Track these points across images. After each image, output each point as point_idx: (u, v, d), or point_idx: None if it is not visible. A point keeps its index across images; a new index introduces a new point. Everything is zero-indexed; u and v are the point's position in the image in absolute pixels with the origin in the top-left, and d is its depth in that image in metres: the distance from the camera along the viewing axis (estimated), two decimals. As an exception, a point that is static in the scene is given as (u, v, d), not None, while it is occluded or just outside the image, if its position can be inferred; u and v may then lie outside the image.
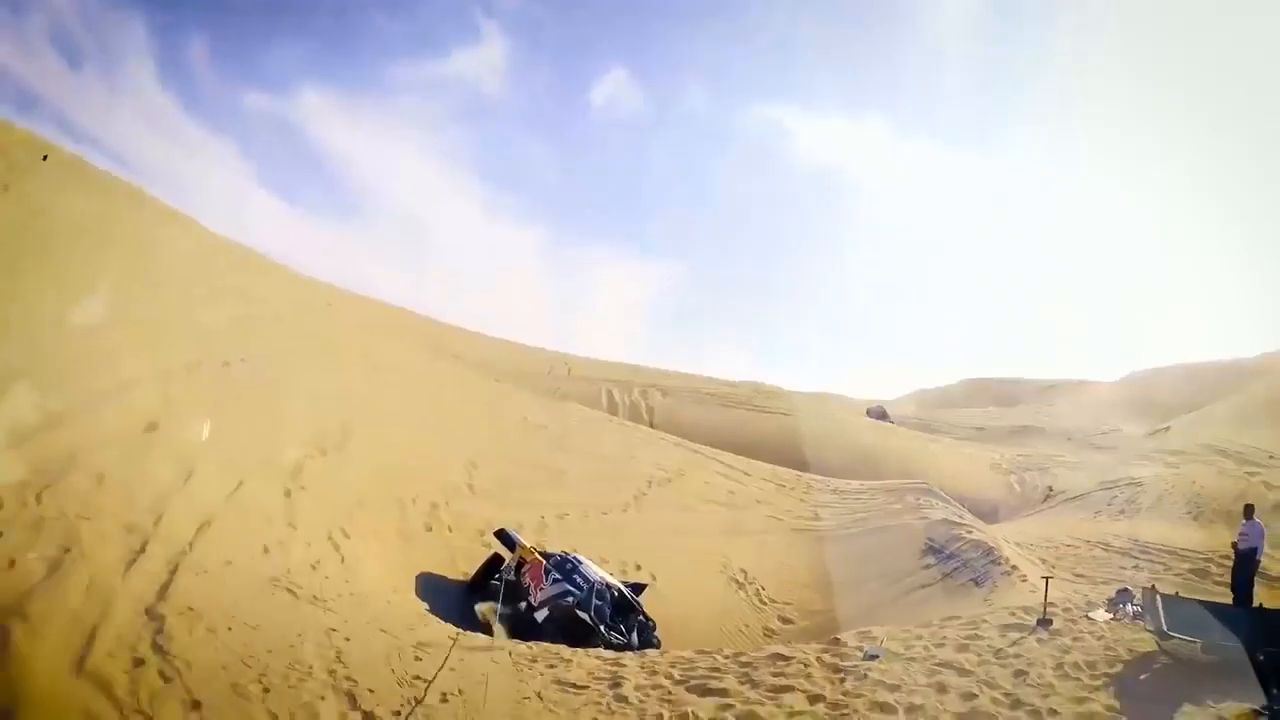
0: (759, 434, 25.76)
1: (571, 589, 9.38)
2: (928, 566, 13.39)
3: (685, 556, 13.56)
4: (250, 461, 9.73)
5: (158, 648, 5.36)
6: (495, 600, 9.16)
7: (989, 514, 22.02)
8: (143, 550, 6.90)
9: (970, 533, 14.14)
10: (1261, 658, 6.14)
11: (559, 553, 10.42)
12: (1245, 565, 9.18)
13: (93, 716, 4.51)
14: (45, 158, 17.03)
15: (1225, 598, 10.11)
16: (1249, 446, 25.69)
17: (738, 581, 13.27)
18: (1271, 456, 24.32)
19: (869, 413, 36.07)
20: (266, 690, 4.99)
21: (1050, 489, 25.14)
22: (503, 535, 10.56)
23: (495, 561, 10.33)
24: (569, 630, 8.80)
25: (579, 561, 10.11)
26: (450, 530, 11.36)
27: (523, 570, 9.88)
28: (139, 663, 5.14)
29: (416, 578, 9.85)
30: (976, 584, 12.05)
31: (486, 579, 10.21)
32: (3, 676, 4.86)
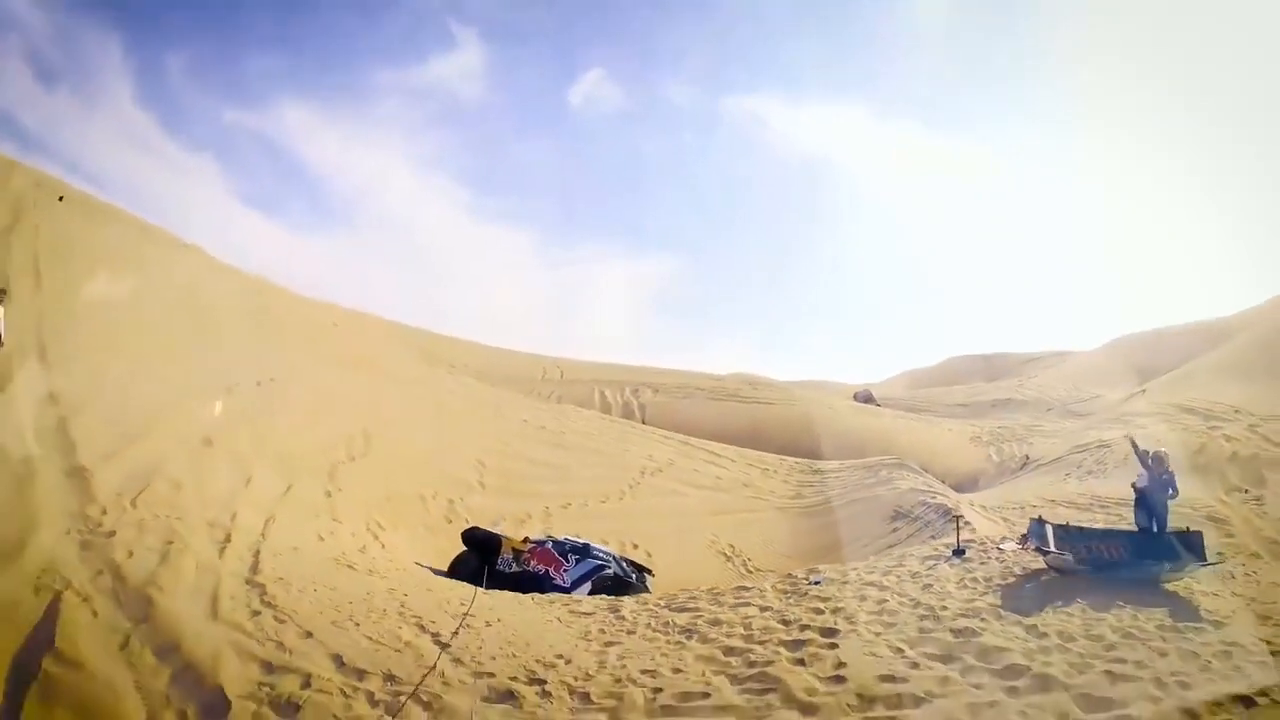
0: (748, 423, 27.71)
1: (601, 562, 10.83)
2: (895, 530, 15.34)
3: (678, 535, 15.47)
4: (294, 467, 11.63)
5: (266, 603, 7.26)
6: None
7: (969, 484, 24.06)
8: (228, 540, 8.78)
9: (934, 498, 16.13)
10: None
11: (545, 536, 11.67)
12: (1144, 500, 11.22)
13: (238, 643, 6.38)
14: (61, 199, 18.87)
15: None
16: (1217, 403, 27.11)
17: (725, 555, 15.17)
18: (1237, 411, 25.83)
19: (855, 397, 38.01)
20: (357, 624, 6.89)
21: (1027, 457, 26.88)
22: (476, 539, 11.07)
23: (478, 566, 10.56)
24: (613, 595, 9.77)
25: (578, 540, 11.74)
26: (467, 521, 13.18)
27: (524, 560, 10.81)
28: (256, 613, 7.03)
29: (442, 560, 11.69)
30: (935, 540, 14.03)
31: (477, 578, 10.08)
32: (160, 624, 6.74)
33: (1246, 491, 17.67)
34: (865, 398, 37.50)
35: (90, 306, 14.04)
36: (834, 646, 6.35)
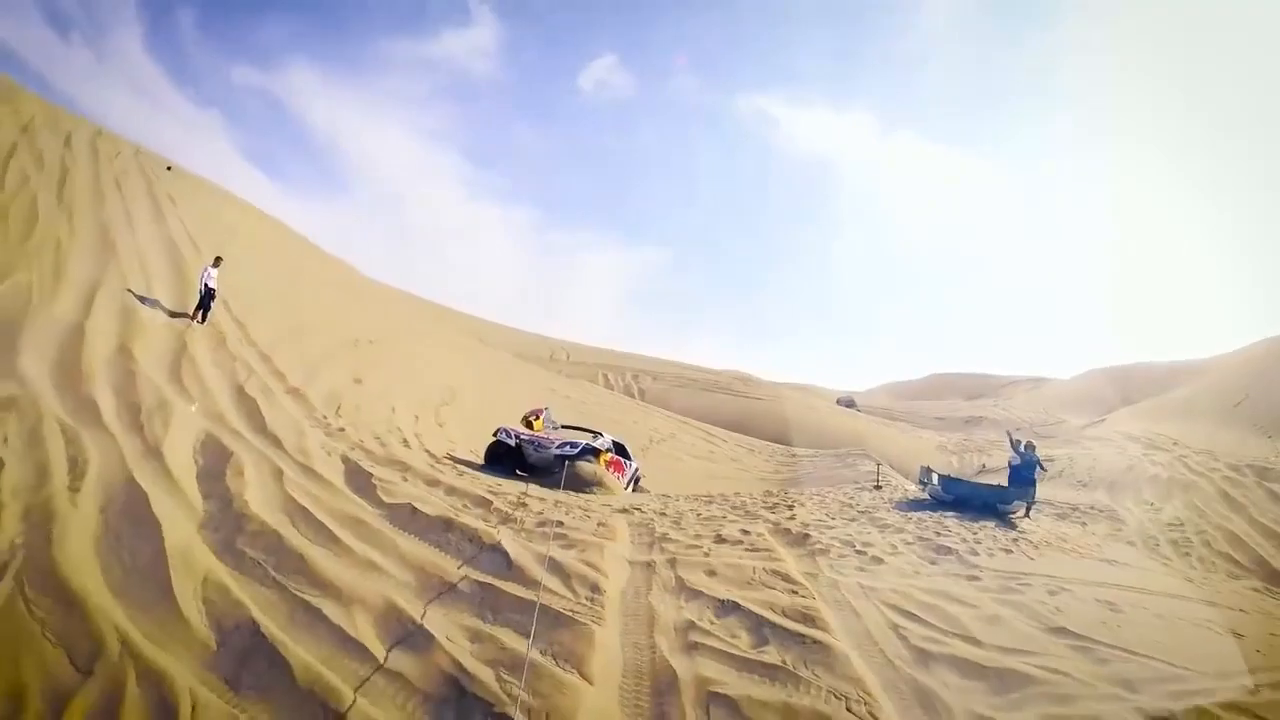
0: (736, 414, 34.57)
1: (633, 463, 17.55)
2: (850, 496, 22.15)
3: (677, 490, 22.16)
4: (413, 404, 18.11)
5: (460, 473, 13.77)
6: None
7: (927, 484, 31.04)
8: (405, 443, 15.28)
9: (885, 477, 22.99)
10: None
11: (607, 437, 18.55)
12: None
13: (427, 465, 12.86)
14: (169, 169, 24.89)
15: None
16: (1159, 434, 34.45)
17: (716, 505, 21.83)
18: (1175, 443, 33.15)
19: (839, 402, 45.16)
20: (500, 483, 13.49)
21: (983, 465, 34.01)
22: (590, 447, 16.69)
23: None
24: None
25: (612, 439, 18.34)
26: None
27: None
28: (460, 475, 13.53)
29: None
30: (877, 502, 20.86)
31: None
32: (416, 474, 13.13)
33: (1152, 504, 24.75)
34: (848, 403, 44.65)
35: (244, 269, 20.28)
36: (790, 510, 13.12)
